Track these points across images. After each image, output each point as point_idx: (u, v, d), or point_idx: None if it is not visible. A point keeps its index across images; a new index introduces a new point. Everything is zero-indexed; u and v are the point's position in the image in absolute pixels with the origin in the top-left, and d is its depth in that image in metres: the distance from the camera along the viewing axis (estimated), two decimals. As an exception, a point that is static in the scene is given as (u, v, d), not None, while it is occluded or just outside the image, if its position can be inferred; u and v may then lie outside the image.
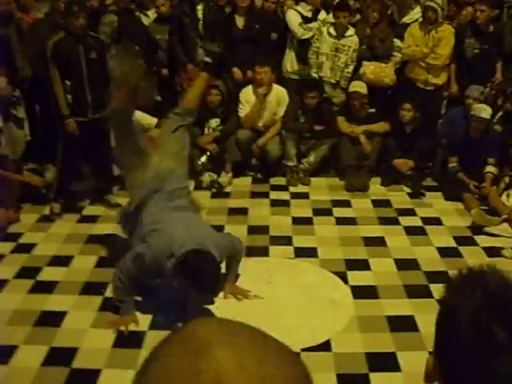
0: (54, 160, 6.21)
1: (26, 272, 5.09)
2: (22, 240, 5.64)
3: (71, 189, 6.36)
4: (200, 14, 7.26)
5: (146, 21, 7.59)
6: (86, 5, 6.46)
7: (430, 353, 1.23)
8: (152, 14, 7.67)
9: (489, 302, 1.10)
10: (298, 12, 7.27)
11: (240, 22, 7.28)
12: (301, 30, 7.20)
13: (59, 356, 4.05)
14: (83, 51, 5.70)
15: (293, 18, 7.24)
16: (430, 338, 4.04)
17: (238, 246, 4.66)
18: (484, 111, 6.32)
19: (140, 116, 6.95)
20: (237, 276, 4.82)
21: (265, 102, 7.01)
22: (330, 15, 7.20)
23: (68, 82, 5.67)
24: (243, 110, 7.04)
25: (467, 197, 6.23)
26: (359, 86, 6.90)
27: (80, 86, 5.73)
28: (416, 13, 7.33)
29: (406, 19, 7.39)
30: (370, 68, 7.11)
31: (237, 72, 7.34)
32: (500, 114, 6.90)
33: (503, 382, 1.07)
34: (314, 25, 7.22)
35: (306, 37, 7.24)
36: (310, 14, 7.27)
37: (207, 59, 5.22)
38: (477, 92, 6.65)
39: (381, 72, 7.11)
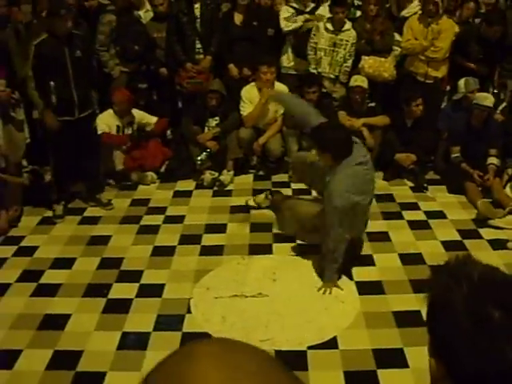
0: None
1: (28, 275, 5.06)
2: (23, 243, 5.61)
3: (70, 190, 6.35)
4: (197, 12, 7.19)
5: (144, 20, 7.55)
6: (71, 7, 6.41)
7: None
8: (143, 13, 7.62)
9: (477, 289, 1.11)
10: (293, 7, 7.24)
11: (238, 18, 7.24)
12: (284, 22, 7.16)
13: (63, 359, 4.01)
14: (68, 50, 5.62)
15: (282, 13, 7.21)
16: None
17: None
18: (486, 99, 6.28)
19: (138, 114, 6.96)
20: None
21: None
22: (327, 9, 7.15)
23: (52, 83, 5.60)
24: (246, 109, 6.99)
25: (470, 186, 6.18)
26: (361, 80, 6.86)
27: (66, 85, 5.65)
28: (414, 6, 7.29)
29: (404, 13, 7.36)
30: (368, 62, 7.06)
31: (233, 69, 7.31)
32: (504, 104, 6.88)
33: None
34: (299, 18, 7.16)
35: (289, 29, 7.18)
36: (304, 9, 7.24)
37: None
38: (474, 85, 6.65)
39: (380, 66, 7.06)
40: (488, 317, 1.06)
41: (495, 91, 7.09)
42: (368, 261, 5.13)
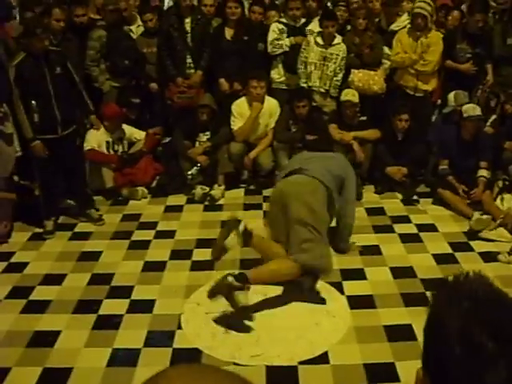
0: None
1: (18, 292, 5.02)
2: (13, 259, 5.58)
3: (60, 206, 6.33)
4: (188, 27, 7.21)
5: (135, 35, 7.58)
6: (49, 26, 6.39)
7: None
8: (135, 28, 7.65)
9: (477, 312, 1.07)
10: (284, 23, 7.26)
11: (229, 33, 7.26)
12: (270, 46, 7.21)
13: (53, 377, 3.98)
14: (47, 68, 5.62)
15: (270, 33, 7.24)
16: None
17: None
18: (475, 110, 6.31)
19: (128, 129, 6.95)
20: None
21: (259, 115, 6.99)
22: (317, 24, 7.18)
23: (34, 102, 5.59)
24: (236, 123, 7.01)
25: (446, 194, 6.32)
26: (351, 95, 6.88)
27: (48, 103, 5.65)
28: (403, 20, 7.32)
29: (393, 26, 7.39)
30: (358, 75, 7.08)
31: (224, 83, 7.32)
32: (494, 117, 6.91)
33: None
34: (284, 41, 7.21)
35: (276, 53, 7.25)
36: (295, 24, 7.27)
37: None
38: (464, 99, 6.70)
39: (369, 79, 7.08)
40: (481, 347, 1.03)
41: (486, 95, 7.14)
42: (359, 275, 5.12)
